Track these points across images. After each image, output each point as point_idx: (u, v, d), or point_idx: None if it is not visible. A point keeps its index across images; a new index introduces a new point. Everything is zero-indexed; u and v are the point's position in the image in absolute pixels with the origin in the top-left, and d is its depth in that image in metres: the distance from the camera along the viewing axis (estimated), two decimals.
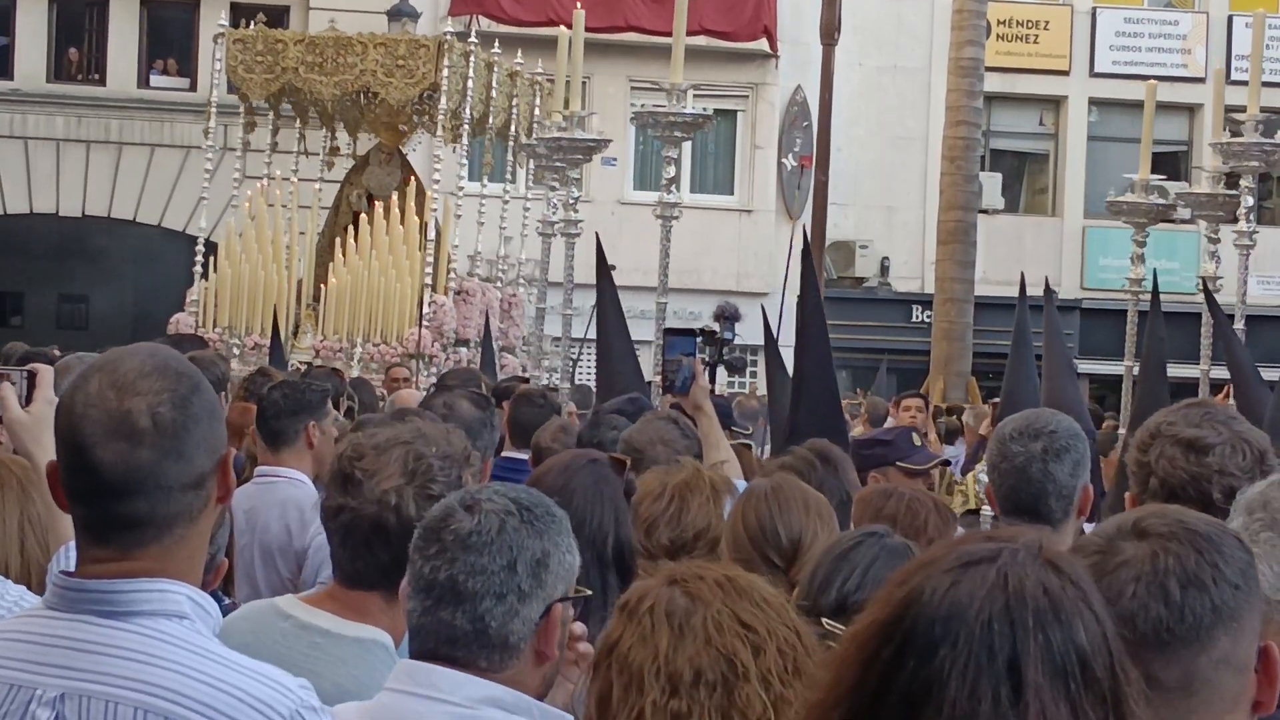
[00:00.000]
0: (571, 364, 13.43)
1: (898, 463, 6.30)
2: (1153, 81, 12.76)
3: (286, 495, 5.71)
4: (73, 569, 2.33)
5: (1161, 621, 2.08)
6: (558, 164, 10.35)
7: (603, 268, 8.56)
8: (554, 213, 11.00)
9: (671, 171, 9.24)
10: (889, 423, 13.24)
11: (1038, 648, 1.49)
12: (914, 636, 1.51)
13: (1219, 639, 2.09)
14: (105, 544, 2.27)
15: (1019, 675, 1.48)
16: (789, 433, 6.88)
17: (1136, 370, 10.24)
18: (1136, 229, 11.51)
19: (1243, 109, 10.56)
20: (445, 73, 14.38)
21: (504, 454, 7.17)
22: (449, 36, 14.64)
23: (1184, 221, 11.97)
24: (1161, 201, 11.71)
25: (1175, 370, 11.36)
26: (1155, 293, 8.52)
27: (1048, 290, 9.17)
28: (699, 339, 12.77)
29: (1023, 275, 8.87)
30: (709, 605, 2.44)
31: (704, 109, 9.50)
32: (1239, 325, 10.49)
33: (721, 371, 9.46)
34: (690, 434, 5.45)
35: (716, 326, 17.46)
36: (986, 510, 6.85)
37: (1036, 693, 1.48)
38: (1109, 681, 1.52)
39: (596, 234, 9.59)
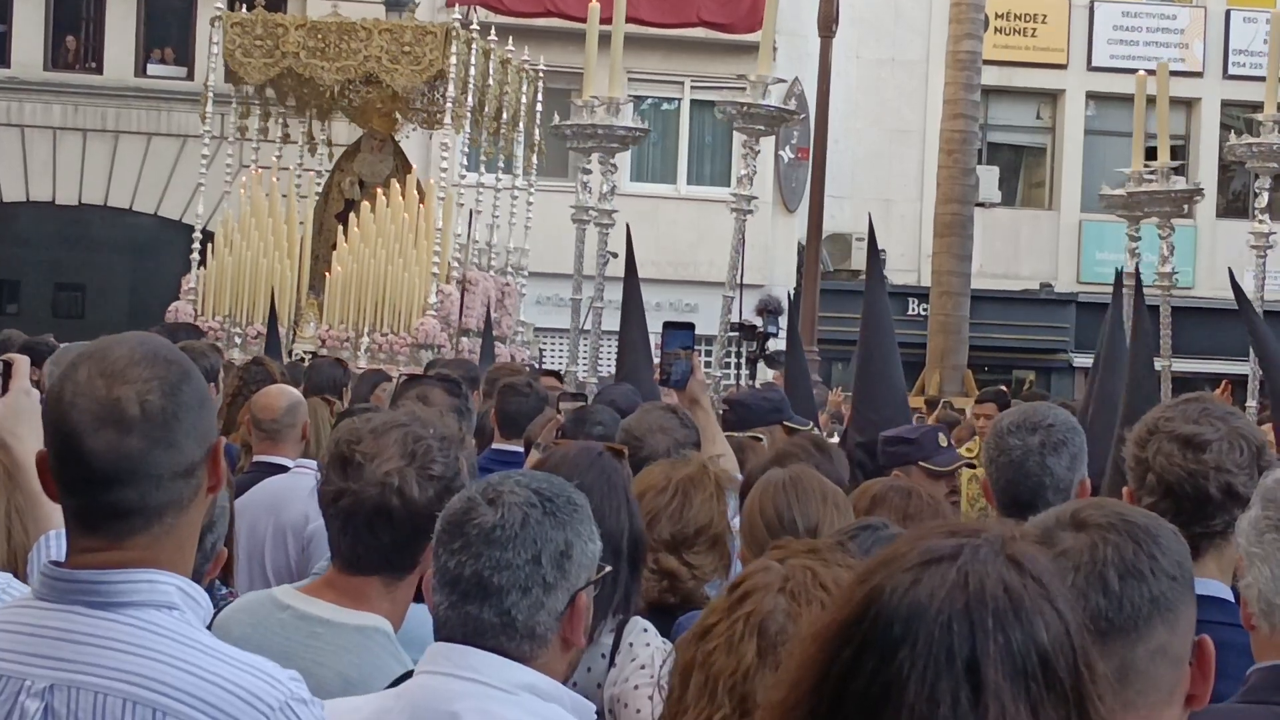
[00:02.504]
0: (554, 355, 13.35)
1: (920, 462, 6.24)
2: (1142, 73, 12.77)
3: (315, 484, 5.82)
4: (61, 558, 2.33)
5: (1100, 611, 2.09)
6: (590, 148, 10.23)
7: (630, 263, 8.58)
8: (588, 199, 10.80)
9: (755, 167, 9.20)
10: None
11: (997, 649, 1.46)
12: (873, 637, 1.48)
13: (1156, 629, 2.10)
14: (95, 533, 2.26)
15: (978, 677, 1.45)
16: (854, 422, 6.88)
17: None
18: (1161, 221, 11.50)
19: (1242, 105, 10.59)
20: (453, 60, 14.28)
21: (493, 446, 7.15)
22: (456, 24, 14.53)
23: (1180, 217, 11.95)
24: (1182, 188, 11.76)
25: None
26: (1138, 286, 8.53)
27: (1118, 282, 9.05)
28: (737, 333, 12.61)
29: (1135, 267, 8.81)
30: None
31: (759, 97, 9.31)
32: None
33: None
34: (689, 423, 5.46)
35: (759, 321, 17.33)
36: None
37: (996, 694, 1.45)
38: (1071, 680, 1.49)
39: (628, 227, 9.53)
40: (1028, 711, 1.45)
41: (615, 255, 18.65)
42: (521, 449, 6.82)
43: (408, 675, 2.94)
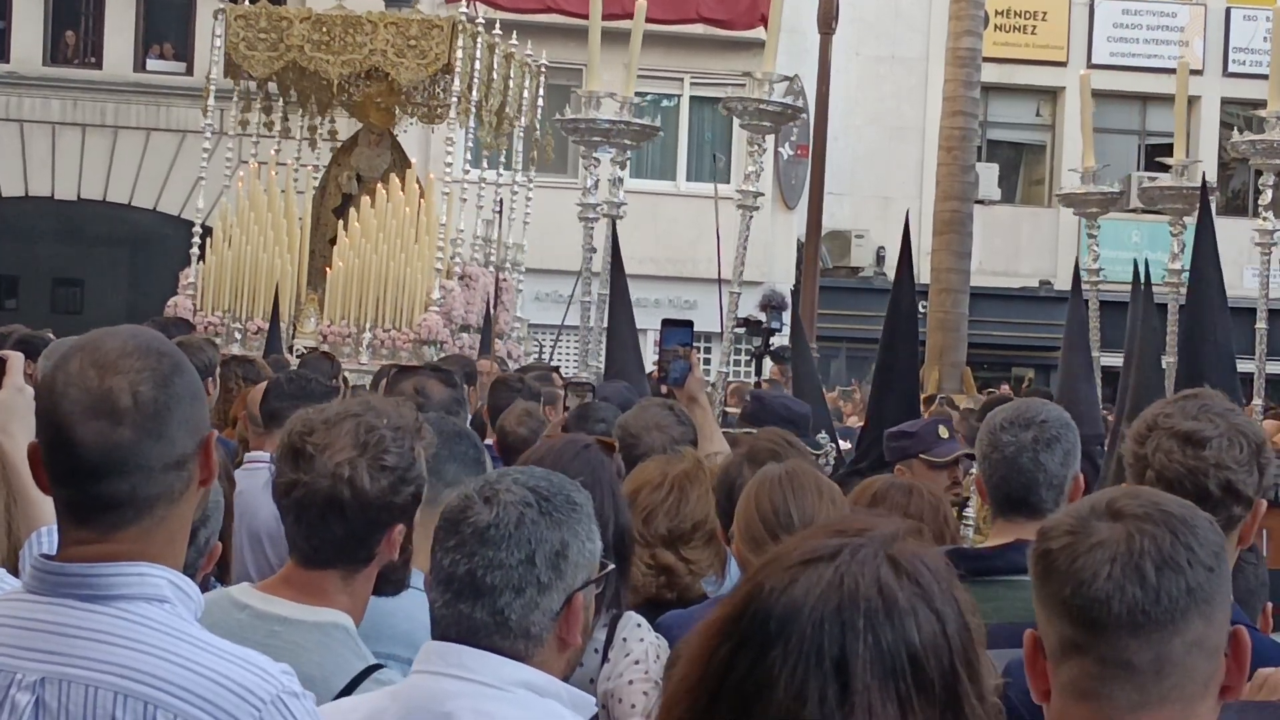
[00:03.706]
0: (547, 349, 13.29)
1: (920, 455, 6.24)
2: (1085, 73, 12.80)
3: None
4: (52, 553, 2.32)
5: (1137, 603, 2.08)
6: (596, 142, 10.12)
7: (617, 257, 8.56)
8: (593, 195, 10.68)
9: (762, 164, 9.14)
10: None
11: (866, 648, 1.48)
12: (750, 635, 1.51)
13: (1193, 621, 2.09)
14: (86, 525, 2.26)
15: (847, 675, 1.47)
16: (872, 423, 6.86)
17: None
18: (1174, 219, 11.45)
19: (1242, 103, 10.59)
20: (460, 54, 14.11)
21: (486, 442, 7.13)
22: (463, 18, 14.41)
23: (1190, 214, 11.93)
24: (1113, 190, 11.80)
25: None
26: (1147, 282, 8.52)
27: (1146, 277, 9.01)
28: (743, 328, 12.34)
29: (1140, 264, 8.80)
30: None
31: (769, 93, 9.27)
32: (1261, 325, 10.41)
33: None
34: (685, 420, 5.46)
35: (763, 316, 17.36)
36: None
37: (864, 693, 1.47)
38: (944, 680, 1.50)
39: (613, 222, 9.45)
40: (895, 710, 1.47)
41: (595, 250, 18.51)
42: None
43: (370, 670, 2.92)
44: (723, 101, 10.07)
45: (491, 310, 13.34)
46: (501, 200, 16.11)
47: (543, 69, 16.27)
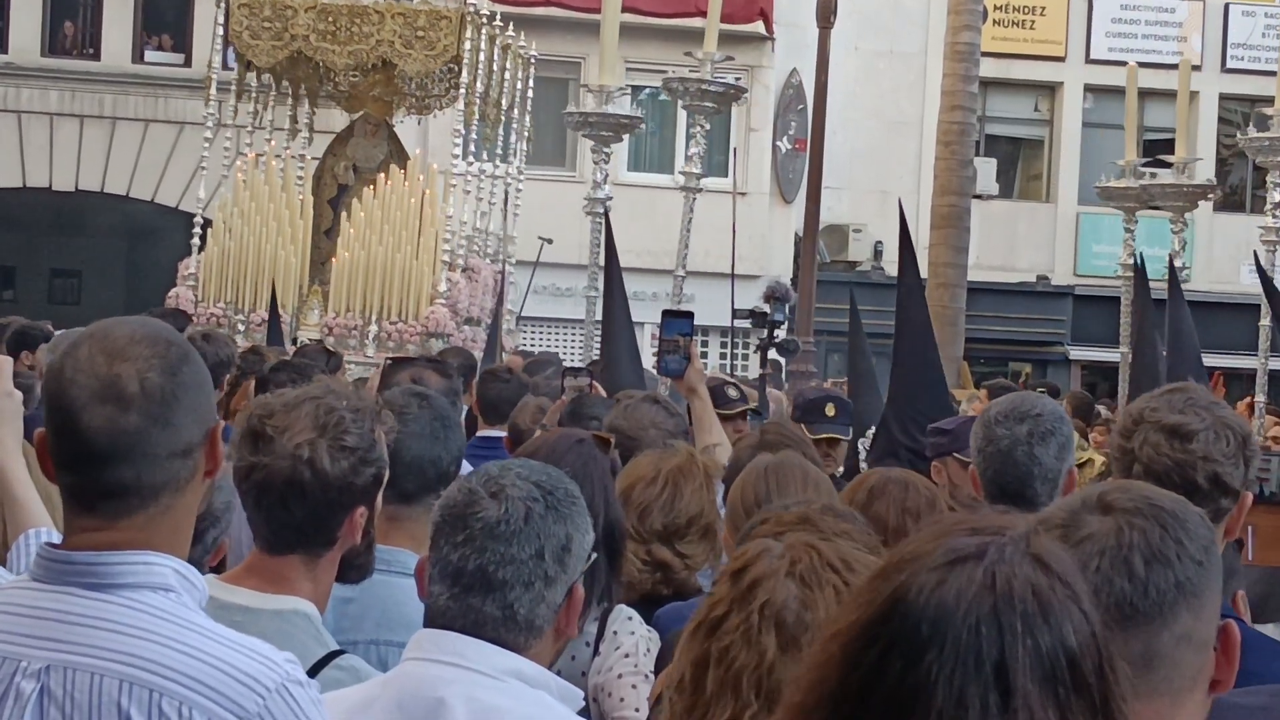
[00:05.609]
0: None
1: (955, 454, 6.23)
2: (1133, 65, 12.84)
3: None
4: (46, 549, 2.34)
5: (1125, 597, 2.08)
6: (605, 135, 10.07)
7: (611, 250, 8.50)
8: (597, 190, 10.65)
9: (703, 148, 9.08)
10: None
11: (1026, 652, 1.44)
12: (900, 639, 1.46)
13: (1181, 615, 2.10)
14: (91, 512, 2.27)
15: (1007, 681, 1.43)
16: (890, 414, 6.83)
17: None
18: (1175, 216, 11.46)
19: (1240, 99, 10.59)
20: (468, 45, 14.01)
21: (478, 433, 7.15)
22: (471, 9, 14.25)
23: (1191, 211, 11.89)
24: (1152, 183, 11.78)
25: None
26: (1144, 279, 8.53)
27: (1172, 273, 8.88)
28: (750, 321, 12.19)
29: (1171, 258, 8.70)
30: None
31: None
32: (1263, 322, 10.42)
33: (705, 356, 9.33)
34: (675, 412, 5.45)
35: (767, 307, 17.39)
36: None
37: (1025, 699, 1.44)
38: (1098, 683, 1.48)
39: (606, 211, 9.42)
40: (1055, 715, 1.44)
41: (550, 241, 18.27)
42: (501, 434, 6.84)
43: (330, 657, 2.93)
44: (664, 81, 9.98)
45: (500, 307, 13.26)
46: (478, 194, 16.07)
47: (532, 60, 16.25)
